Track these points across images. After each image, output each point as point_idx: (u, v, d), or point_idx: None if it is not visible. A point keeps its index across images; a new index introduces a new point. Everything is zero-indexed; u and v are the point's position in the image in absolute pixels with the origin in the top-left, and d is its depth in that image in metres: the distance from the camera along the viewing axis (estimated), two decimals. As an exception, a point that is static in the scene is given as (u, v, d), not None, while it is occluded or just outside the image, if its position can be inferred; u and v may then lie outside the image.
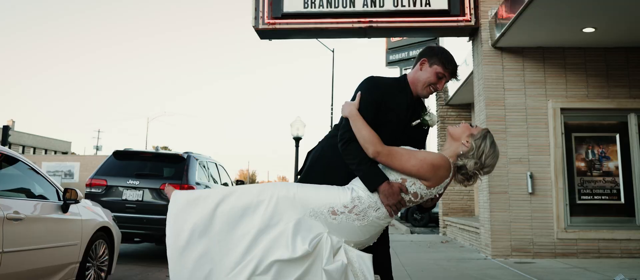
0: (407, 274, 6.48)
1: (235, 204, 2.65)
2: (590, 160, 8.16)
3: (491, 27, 8.31)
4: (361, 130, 2.67)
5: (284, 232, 2.56)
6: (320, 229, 2.60)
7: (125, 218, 7.47)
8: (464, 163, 2.68)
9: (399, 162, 2.61)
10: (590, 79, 8.27)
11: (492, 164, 2.72)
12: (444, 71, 2.92)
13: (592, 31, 7.55)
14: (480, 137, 2.70)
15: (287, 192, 2.67)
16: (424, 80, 2.93)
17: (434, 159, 2.63)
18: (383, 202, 2.62)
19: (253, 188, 2.73)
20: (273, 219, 2.60)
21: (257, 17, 8.55)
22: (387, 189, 2.60)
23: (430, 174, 2.60)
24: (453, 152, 2.72)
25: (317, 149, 3.06)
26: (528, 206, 8.02)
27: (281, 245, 2.54)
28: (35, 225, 4.34)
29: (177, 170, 8.06)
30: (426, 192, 2.65)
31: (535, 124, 8.21)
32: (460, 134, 2.74)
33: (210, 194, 2.75)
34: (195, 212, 2.69)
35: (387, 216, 2.67)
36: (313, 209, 2.62)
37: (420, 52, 3.03)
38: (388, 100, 2.86)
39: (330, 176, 2.83)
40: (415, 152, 2.67)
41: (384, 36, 9.31)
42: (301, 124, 17.92)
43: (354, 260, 2.59)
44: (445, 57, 2.93)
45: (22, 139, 58.40)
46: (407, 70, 14.11)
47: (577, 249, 7.87)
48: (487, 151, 2.68)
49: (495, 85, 8.28)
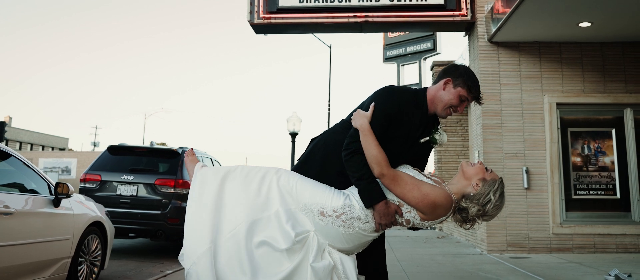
0: (402, 269, 6.46)
1: (237, 182, 2.71)
2: (586, 155, 8.15)
3: (487, 22, 8.28)
4: (370, 147, 2.58)
5: (277, 215, 2.59)
6: (309, 226, 2.59)
7: (119, 213, 7.44)
8: (466, 206, 2.60)
9: (401, 190, 2.55)
10: (586, 74, 8.26)
11: (494, 215, 2.63)
12: (467, 95, 2.79)
13: (588, 26, 7.52)
14: (491, 185, 2.59)
15: (288, 182, 2.68)
16: (445, 102, 2.80)
17: (437, 197, 2.54)
18: (376, 220, 2.58)
19: (258, 170, 2.77)
20: (268, 202, 2.64)
21: (252, 12, 8.52)
22: (383, 208, 2.56)
23: (428, 210, 2.54)
24: (460, 189, 2.63)
25: (320, 139, 3.03)
26: (524, 201, 8.01)
27: (271, 225, 2.59)
28: (26, 219, 4.30)
29: (171, 166, 8.02)
30: (420, 223, 2.61)
31: (531, 118, 8.19)
32: (473, 175, 2.63)
33: (219, 169, 2.84)
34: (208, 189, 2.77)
35: (373, 231, 2.63)
36: (305, 204, 2.61)
37: (445, 70, 2.88)
38: (402, 116, 2.75)
39: (326, 168, 2.82)
40: (420, 184, 2.57)
41: (380, 31, 9.27)
42: (297, 119, 17.89)
43: (337, 263, 2.59)
44: (471, 80, 2.80)
45: (20, 135, 58.26)
46: (403, 66, 14.02)
47: (573, 244, 7.87)
48: (494, 202, 2.57)
49: (491, 80, 8.26)
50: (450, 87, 2.80)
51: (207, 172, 2.82)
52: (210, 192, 2.71)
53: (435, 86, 2.86)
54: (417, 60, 20.18)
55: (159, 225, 7.46)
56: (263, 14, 8.49)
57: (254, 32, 8.91)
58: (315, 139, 3.08)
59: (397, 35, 20.78)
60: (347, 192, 2.69)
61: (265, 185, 2.67)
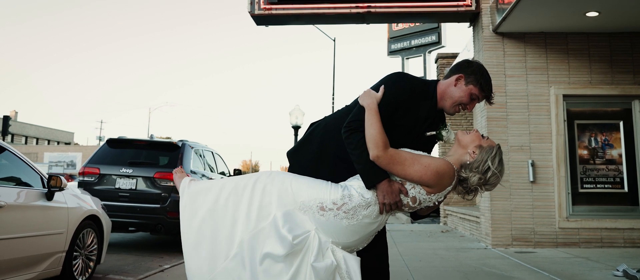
0: (405, 264, 6.34)
1: (229, 194, 2.58)
2: (593, 148, 7.98)
3: (492, 12, 8.11)
4: (371, 127, 2.49)
5: (274, 222, 2.45)
6: (309, 225, 2.47)
7: (118, 207, 7.35)
8: (467, 176, 2.52)
9: (401, 168, 2.45)
10: (593, 65, 8.08)
11: (496, 183, 2.55)
12: (479, 94, 2.70)
13: (595, 15, 7.34)
14: (489, 152, 2.52)
15: (282, 183, 2.55)
16: (455, 99, 2.71)
17: (439, 165, 2.45)
18: (379, 200, 2.47)
19: (250, 177, 2.62)
20: (265, 209, 2.50)
21: (253, 2, 8.38)
22: (386, 187, 2.46)
23: (433, 181, 2.44)
24: (457, 159, 2.56)
25: (320, 123, 2.92)
26: (529, 195, 7.86)
27: (271, 234, 2.43)
28: (17, 213, 4.20)
29: (171, 159, 7.93)
30: (426, 198, 2.50)
31: (536, 111, 8.03)
32: (469, 143, 2.57)
33: (211, 186, 2.69)
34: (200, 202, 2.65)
35: (377, 215, 2.51)
36: (303, 202, 2.49)
37: (458, 66, 2.78)
38: (410, 105, 2.67)
39: (323, 153, 2.74)
40: (419, 157, 2.49)
41: (383, 21, 9.10)
42: (300, 112, 17.76)
43: (340, 262, 2.46)
44: (484, 79, 2.70)
45: (25, 129, 58.42)
46: (408, 59, 13.85)
47: (579, 239, 7.72)
48: (493, 169, 2.49)
49: (496, 72, 8.09)
50: (462, 84, 2.70)
51: (195, 189, 2.69)
52: (202, 211, 2.59)
53: (446, 81, 2.76)
54: (421, 53, 20.02)
55: (158, 218, 7.36)
56: (264, 4, 8.35)
57: (255, 23, 8.76)
58: (315, 123, 2.96)
59: (402, 28, 20.61)
60: (343, 184, 2.58)
61: (258, 192, 2.54)
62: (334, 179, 2.62)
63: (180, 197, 2.72)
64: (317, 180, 2.59)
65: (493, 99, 2.77)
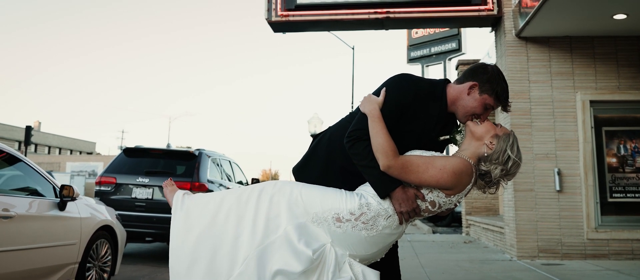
0: (427, 276, 6.13)
1: (230, 207, 2.36)
2: (622, 156, 7.67)
3: (515, 16, 7.89)
4: (377, 135, 2.31)
5: (286, 235, 2.25)
6: (324, 238, 2.28)
7: (134, 217, 7.28)
8: (488, 169, 2.35)
9: (415, 176, 2.28)
10: (621, 70, 7.79)
11: (516, 172, 2.40)
12: (494, 103, 2.46)
13: (623, 18, 7.07)
14: (506, 140, 2.35)
15: (291, 193, 2.35)
16: (468, 109, 2.46)
17: (455, 164, 2.29)
18: (396, 209, 2.29)
19: (254, 188, 2.42)
20: (273, 222, 2.29)
21: (269, 9, 8.29)
22: (401, 194, 2.29)
23: (452, 182, 2.28)
24: (473, 153, 2.38)
25: (324, 134, 2.72)
26: (556, 204, 7.57)
27: (283, 249, 2.22)
28: (28, 223, 4.11)
29: (188, 168, 7.83)
30: (445, 200, 2.33)
31: (562, 117, 7.76)
32: (484, 134, 2.39)
33: (209, 199, 2.47)
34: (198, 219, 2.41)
35: (397, 226, 2.34)
36: (316, 213, 2.30)
37: (472, 70, 2.53)
38: (417, 108, 2.44)
39: (329, 166, 2.54)
40: (432, 159, 2.30)
41: (402, 27, 8.96)
42: (318, 120, 17.63)
43: (359, 277, 2.26)
44: (500, 86, 2.45)
45: (48, 139, 59.36)
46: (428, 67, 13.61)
47: (609, 250, 7.40)
48: (513, 158, 2.33)
49: (519, 77, 7.86)
50: (476, 93, 2.45)
51: (190, 203, 2.45)
52: (198, 228, 2.35)
53: (458, 87, 2.50)
54: (441, 60, 19.79)
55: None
56: (281, 11, 8.25)
57: (273, 30, 8.68)
58: (318, 135, 2.76)
59: (421, 35, 20.41)
60: (359, 192, 2.39)
61: (264, 204, 2.32)
62: None
63: (173, 213, 2.47)
64: (330, 189, 2.41)
65: (510, 107, 2.54)
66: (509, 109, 2.55)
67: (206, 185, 7.69)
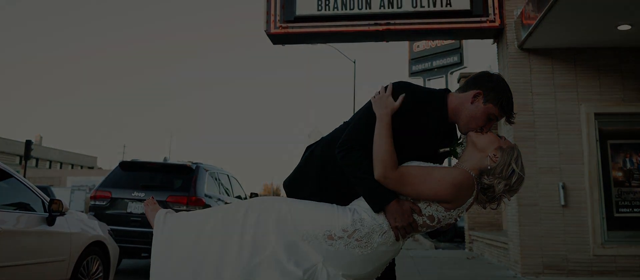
0: (428, 294, 5.95)
1: (214, 227, 2.21)
2: (629, 170, 7.51)
3: (517, 28, 7.78)
4: (383, 142, 2.15)
5: (275, 255, 2.09)
6: (315, 257, 2.12)
7: (129, 232, 7.12)
8: (490, 183, 2.19)
9: (412, 188, 2.12)
10: (626, 81, 7.65)
11: (518, 188, 2.24)
12: (498, 114, 2.30)
13: (627, 29, 6.96)
14: (510, 154, 2.20)
15: (280, 210, 2.20)
16: (471, 118, 2.31)
17: (455, 177, 2.13)
18: (391, 224, 2.13)
19: (239, 207, 2.26)
20: (260, 242, 2.13)
21: (268, 21, 8.20)
22: (396, 208, 2.13)
23: (451, 195, 2.12)
24: (475, 164, 2.21)
25: (316, 145, 2.55)
26: (560, 219, 7.39)
27: (271, 269, 2.07)
28: (15, 238, 3.97)
29: (184, 182, 7.68)
30: (445, 214, 2.17)
31: (566, 130, 7.60)
32: (487, 145, 2.23)
33: (192, 218, 2.32)
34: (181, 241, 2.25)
35: (394, 242, 2.18)
36: (307, 231, 2.14)
37: (476, 79, 2.37)
38: (415, 117, 2.30)
39: (322, 182, 2.37)
40: (431, 170, 2.16)
41: (403, 39, 8.84)
42: (318, 134, 17.52)
43: None
44: (505, 96, 2.30)
45: (49, 153, 59.25)
46: (430, 81, 13.47)
47: (616, 267, 7.20)
48: (518, 172, 2.18)
49: (522, 89, 7.72)
50: (480, 102, 2.29)
51: (172, 223, 2.31)
52: (180, 250, 2.20)
53: (461, 95, 2.34)
54: (443, 74, 19.74)
55: None
56: (280, 23, 8.15)
57: (272, 42, 8.58)
58: (311, 146, 2.58)
59: (423, 48, 20.39)
60: (352, 206, 2.23)
61: (250, 224, 2.16)
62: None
63: (154, 234, 2.32)
64: (321, 204, 2.25)
65: (514, 119, 2.37)
66: (514, 121, 2.39)
67: (203, 200, 7.54)
